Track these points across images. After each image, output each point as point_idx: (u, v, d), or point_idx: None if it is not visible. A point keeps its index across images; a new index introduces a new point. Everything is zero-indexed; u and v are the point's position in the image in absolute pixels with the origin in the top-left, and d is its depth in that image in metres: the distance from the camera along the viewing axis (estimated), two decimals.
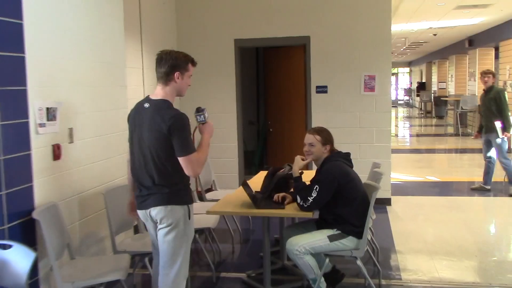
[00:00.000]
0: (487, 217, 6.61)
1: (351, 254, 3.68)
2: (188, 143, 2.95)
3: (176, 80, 3.07)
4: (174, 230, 3.02)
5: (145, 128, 3.01)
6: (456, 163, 11.22)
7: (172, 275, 3.07)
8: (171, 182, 3.01)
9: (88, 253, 4.00)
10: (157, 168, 2.99)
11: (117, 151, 4.54)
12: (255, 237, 5.70)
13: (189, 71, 3.13)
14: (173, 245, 3.04)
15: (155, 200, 3.02)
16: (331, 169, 3.68)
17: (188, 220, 3.07)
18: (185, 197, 3.09)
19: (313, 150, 3.81)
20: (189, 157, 2.93)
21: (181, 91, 3.14)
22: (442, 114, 20.37)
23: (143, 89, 5.81)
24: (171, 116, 2.93)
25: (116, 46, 4.59)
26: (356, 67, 6.78)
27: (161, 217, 3.02)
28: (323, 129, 3.89)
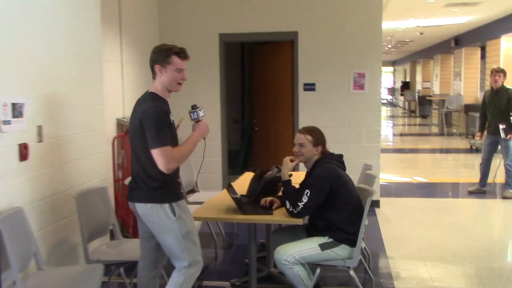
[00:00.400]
0: (479, 220, 6.42)
1: (344, 264, 3.42)
2: (158, 136, 2.85)
3: (159, 73, 3.00)
4: (159, 228, 2.99)
5: (131, 120, 3.03)
6: (442, 164, 11.08)
7: (177, 267, 3.06)
8: (150, 178, 2.95)
9: (59, 263, 3.68)
10: (138, 161, 2.98)
11: (91, 151, 4.23)
12: (239, 242, 5.42)
13: (173, 64, 2.98)
14: (166, 242, 3.01)
15: (137, 197, 3.01)
16: (323, 172, 3.42)
17: (173, 217, 2.95)
18: (164, 195, 2.98)
19: (303, 151, 3.54)
20: (159, 150, 2.85)
21: (168, 86, 3.02)
22: (426, 114, 20.31)
23: (121, 84, 5.48)
24: (144, 109, 2.91)
25: (92, 37, 4.27)
26: (345, 64, 6.54)
27: (142, 214, 3.00)
28: (315, 129, 3.62)
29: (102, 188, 3.89)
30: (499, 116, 7.00)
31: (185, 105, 3.16)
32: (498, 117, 7.02)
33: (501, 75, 7.03)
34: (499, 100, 7.03)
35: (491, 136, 7.18)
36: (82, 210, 3.51)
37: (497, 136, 7.07)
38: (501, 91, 7.04)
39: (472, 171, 9.88)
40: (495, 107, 7.09)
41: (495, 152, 7.23)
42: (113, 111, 5.25)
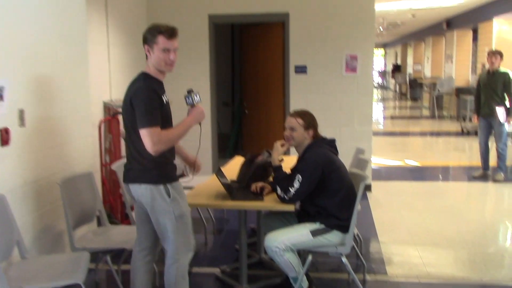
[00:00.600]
0: (470, 204, 6.39)
1: (336, 251, 3.35)
2: (147, 116, 2.77)
3: (147, 54, 2.94)
4: (154, 209, 2.94)
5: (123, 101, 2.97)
6: (433, 147, 11.04)
7: (170, 252, 3.02)
8: (143, 158, 2.88)
9: (43, 251, 3.58)
10: (132, 143, 2.93)
11: (77, 135, 4.10)
12: (229, 227, 5.34)
13: (159, 44, 2.87)
14: (159, 223, 2.97)
15: (132, 177, 2.96)
16: (314, 156, 3.32)
17: (168, 199, 2.90)
18: (159, 176, 2.92)
19: (294, 135, 3.44)
20: (147, 130, 2.77)
21: (157, 66, 2.93)
22: (417, 97, 20.28)
23: (108, 66, 5.33)
24: (135, 89, 2.85)
25: (76, 18, 4.10)
26: (337, 46, 6.42)
27: (137, 196, 2.96)
28: (306, 112, 3.51)
29: (88, 173, 3.77)
30: (494, 99, 6.90)
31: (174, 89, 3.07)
32: (493, 100, 6.91)
33: (497, 57, 6.91)
34: (495, 83, 6.92)
35: (485, 119, 7.09)
36: (67, 196, 3.40)
37: (490, 119, 6.99)
38: (497, 73, 6.94)
39: (463, 154, 9.87)
40: (490, 89, 6.96)
41: (490, 134, 7.15)
42: (99, 94, 5.11)
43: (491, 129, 7.08)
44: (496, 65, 6.92)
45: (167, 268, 3.06)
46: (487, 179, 7.20)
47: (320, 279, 3.94)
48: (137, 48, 6.18)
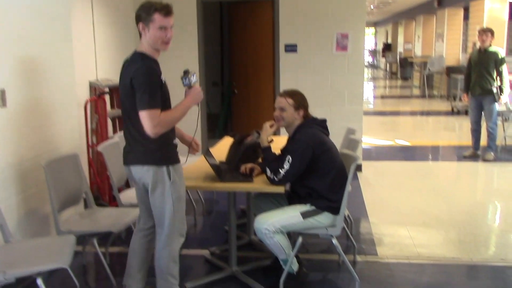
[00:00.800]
0: (460, 183, 6.38)
1: (326, 232, 3.31)
2: (146, 98, 2.71)
3: (142, 32, 2.85)
4: (154, 191, 2.90)
5: (119, 82, 2.90)
6: (424, 126, 11.03)
7: (163, 235, 2.99)
8: (145, 140, 2.83)
9: (29, 235, 3.50)
10: (131, 123, 2.86)
11: (61, 116, 4.00)
12: (219, 208, 5.29)
13: (156, 22, 2.79)
14: (157, 205, 2.94)
15: (133, 158, 2.92)
16: (305, 137, 3.26)
17: (168, 181, 2.89)
18: (162, 157, 2.90)
19: (284, 115, 3.37)
20: (146, 112, 2.71)
21: (153, 44, 2.85)
22: (408, 76, 20.22)
23: (93, 45, 5.20)
24: (134, 69, 2.76)
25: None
26: (328, 24, 6.31)
27: (138, 177, 2.92)
28: (296, 92, 3.43)
29: (74, 155, 3.68)
30: (485, 78, 6.84)
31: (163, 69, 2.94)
32: (484, 79, 6.85)
33: (488, 35, 6.82)
34: (487, 61, 6.83)
35: (476, 98, 7.03)
36: (52, 178, 3.31)
37: (481, 97, 6.94)
38: (488, 52, 6.87)
39: (454, 133, 9.87)
40: (482, 68, 6.87)
41: (481, 113, 7.11)
42: (85, 74, 4.99)
43: (482, 109, 7.04)
44: (487, 43, 6.84)
45: (159, 251, 3.01)
46: (477, 159, 7.20)
47: (310, 260, 3.91)
48: (123, 26, 6.04)
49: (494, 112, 6.93)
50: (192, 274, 3.74)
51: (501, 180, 6.50)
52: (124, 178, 4.14)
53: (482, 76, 6.86)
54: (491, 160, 7.02)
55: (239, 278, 3.56)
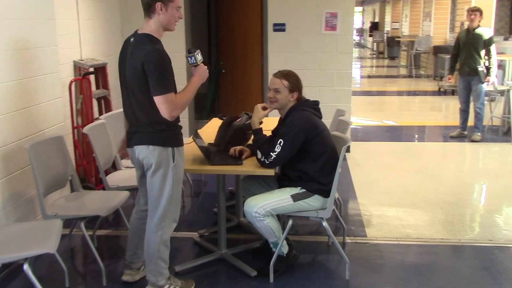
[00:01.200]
0: (447, 164, 6.40)
1: (316, 215, 3.29)
2: (162, 82, 2.72)
3: (159, 12, 2.80)
4: (156, 172, 2.87)
5: (126, 64, 2.83)
6: (411, 106, 11.04)
7: (155, 218, 2.95)
8: (154, 121, 2.82)
9: (14, 219, 3.43)
10: (138, 106, 2.83)
11: (46, 96, 3.90)
12: (207, 190, 5.25)
13: (174, 2, 2.82)
14: (156, 187, 2.90)
15: (139, 139, 2.89)
16: (297, 120, 3.21)
17: (172, 163, 2.88)
18: (169, 138, 2.89)
19: (278, 97, 3.31)
20: (163, 97, 2.73)
21: (167, 25, 2.86)
22: (395, 55, 20.21)
23: (77, 23, 5.06)
24: (146, 52, 2.71)
25: None
26: (317, 3, 6.21)
27: (142, 157, 2.88)
28: (291, 73, 3.37)
29: (58, 137, 3.58)
30: (474, 58, 6.82)
31: None
32: (473, 59, 6.83)
33: (477, 14, 6.77)
34: (476, 42, 6.79)
35: (465, 79, 7.01)
36: (36, 161, 3.23)
37: (470, 78, 6.93)
38: (477, 32, 6.83)
39: (441, 113, 9.90)
40: (471, 47, 6.84)
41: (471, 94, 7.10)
42: (69, 53, 4.87)
43: (470, 89, 7.03)
44: (475, 22, 6.80)
45: (150, 235, 2.98)
46: (464, 139, 7.23)
47: (299, 242, 3.90)
48: (108, 4, 5.89)
49: (482, 93, 6.94)
50: (180, 257, 3.71)
51: (487, 160, 6.54)
52: (110, 160, 4.08)
53: (471, 56, 6.84)
54: (478, 141, 7.05)
55: (229, 261, 3.55)
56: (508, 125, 7.38)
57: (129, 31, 3.03)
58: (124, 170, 4.18)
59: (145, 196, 3.11)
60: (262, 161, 3.17)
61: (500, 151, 6.83)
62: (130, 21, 6.19)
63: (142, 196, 3.16)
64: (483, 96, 7.00)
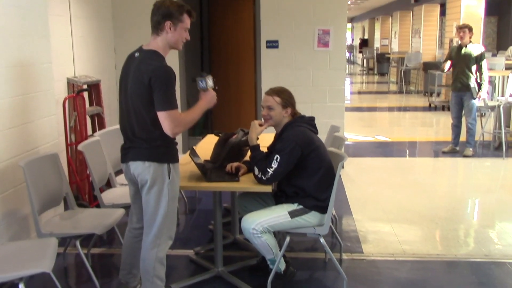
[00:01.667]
0: (441, 179, 6.43)
1: (314, 232, 3.28)
2: (168, 98, 2.74)
3: (168, 30, 2.84)
4: (151, 188, 2.86)
5: (130, 78, 2.83)
6: (402, 122, 11.10)
7: (151, 235, 2.92)
8: (151, 137, 2.83)
9: (8, 238, 3.39)
10: (137, 121, 2.83)
11: (40, 113, 3.88)
12: (202, 207, 5.23)
13: (184, 23, 2.87)
14: (151, 204, 2.88)
15: (134, 154, 2.88)
16: (293, 136, 3.21)
17: (167, 179, 2.87)
18: (165, 155, 2.88)
19: (272, 114, 3.32)
20: (168, 113, 2.74)
21: (175, 44, 2.90)
22: (385, 71, 20.39)
23: (71, 40, 5.07)
24: (154, 68, 2.74)
25: None
26: (309, 20, 6.27)
27: (138, 173, 2.86)
28: (283, 90, 3.38)
29: (53, 154, 3.55)
30: (466, 74, 6.89)
31: None
32: (465, 75, 6.89)
33: (466, 31, 6.87)
34: (468, 57, 6.87)
35: (457, 94, 7.08)
36: (31, 179, 3.19)
37: (462, 93, 7.01)
38: (469, 48, 6.90)
39: (432, 129, 9.97)
40: (463, 63, 6.91)
41: (463, 109, 7.16)
42: (63, 70, 4.86)
43: (463, 105, 7.09)
44: (466, 39, 6.90)
45: (145, 253, 2.95)
46: (456, 155, 7.27)
47: (295, 259, 3.88)
48: (101, 21, 5.90)
49: (474, 108, 7.01)
50: (176, 275, 3.67)
51: (480, 175, 6.58)
52: (105, 178, 4.05)
53: (463, 72, 6.91)
54: (470, 156, 7.10)
55: (225, 279, 3.52)
56: (499, 140, 7.45)
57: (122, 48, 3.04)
58: (119, 187, 4.15)
59: (138, 214, 3.09)
60: (259, 178, 3.17)
61: (491, 166, 6.88)
62: (123, 38, 6.20)
63: (135, 214, 3.13)
64: (475, 112, 7.07)
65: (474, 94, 6.82)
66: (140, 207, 3.02)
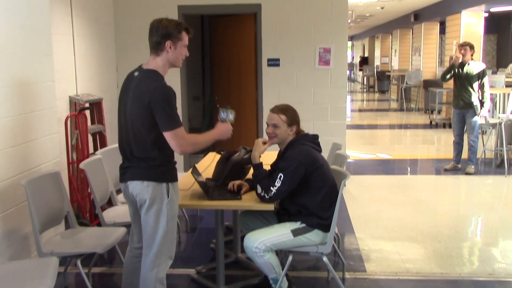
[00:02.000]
0: (443, 197, 6.40)
1: (317, 250, 3.26)
2: (171, 117, 2.75)
3: (168, 50, 2.85)
4: (150, 208, 2.84)
5: (129, 98, 2.83)
6: (403, 139, 11.11)
7: (150, 255, 2.89)
8: (149, 157, 2.82)
9: (8, 257, 3.36)
10: (135, 140, 2.82)
11: (41, 132, 3.88)
12: (203, 225, 5.20)
13: (183, 40, 2.89)
14: (151, 224, 2.86)
15: (132, 174, 2.87)
16: (297, 154, 3.20)
17: (166, 199, 2.85)
18: (164, 174, 2.87)
19: (277, 132, 3.32)
20: (173, 132, 2.75)
21: (175, 62, 2.92)
22: (385, 89, 20.45)
23: (73, 59, 5.09)
24: (154, 88, 2.74)
25: (38, 7, 3.86)
26: (310, 38, 6.33)
27: (136, 192, 2.85)
28: (288, 108, 3.40)
29: (55, 173, 3.55)
30: (468, 92, 6.89)
31: None
32: (467, 92, 6.89)
33: (467, 49, 6.90)
34: (470, 75, 6.87)
35: (459, 112, 7.08)
36: (32, 197, 3.18)
37: (464, 111, 7.01)
38: (471, 66, 6.93)
39: (433, 146, 9.96)
40: (465, 81, 6.91)
41: (464, 126, 7.16)
42: (65, 88, 4.88)
43: (465, 122, 7.09)
44: (467, 57, 6.92)
45: (145, 273, 2.91)
46: (458, 172, 7.25)
47: (298, 278, 3.85)
48: (104, 40, 5.94)
49: (476, 126, 7.01)
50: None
51: (482, 193, 6.55)
52: (106, 196, 4.03)
53: (465, 89, 6.92)
54: (472, 173, 7.08)
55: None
56: (501, 157, 7.43)
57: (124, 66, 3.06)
58: (120, 206, 4.13)
59: (138, 233, 3.06)
60: (262, 196, 3.15)
61: (494, 183, 6.85)
62: (125, 56, 6.24)
63: (135, 233, 3.11)
64: (477, 129, 7.07)
65: (477, 111, 6.83)
66: (140, 227, 2.99)
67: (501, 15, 14.98)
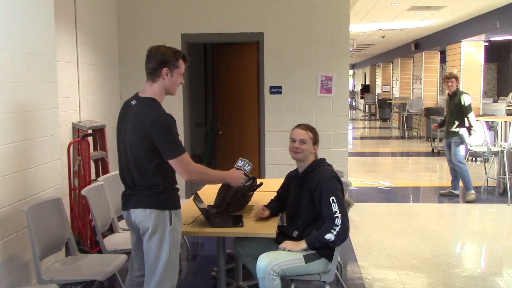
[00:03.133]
0: (445, 225, 6.36)
1: (319, 279, 3.22)
2: (174, 145, 2.77)
3: (165, 77, 2.87)
4: (153, 236, 2.82)
5: (128, 127, 2.84)
6: (405, 167, 11.09)
7: (152, 283, 2.86)
8: (151, 185, 2.82)
9: (8, 283, 3.33)
10: (137, 168, 2.83)
11: (45, 158, 3.89)
12: (204, 253, 5.15)
13: (179, 68, 2.92)
14: (153, 252, 2.84)
15: (135, 202, 2.86)
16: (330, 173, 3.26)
17: (169, 226, 2.84)
18: (166, 201, 2.87)
19: (303, 148, 3.34)
20: (178, 160, 2.78)
21: (171, 89, 2.94)
22: (387, 117, 20.52)
23: (78, 86, 5.14)
24: (154, 118, 2.75)
25: (44, 35, 3.91)
26: (312, 67, 6.38)
27: (139, 220, 2.84)
28: (313, 128, 3.49)
29: (56, 199, 3.55)
30: (452, 121, 7.14)
31: None
32: (452, 121, 7.15)
33: (453, 81, 7.16)
34: (452, 105, 7.16)
35: (446, 140, 7.37)
36: (33, 224, 3.18)
37: (449, 139, 7.23)
38: (455, 96, 7.13)
39: (435, 174, 9.93)
40: (448, 110, 7.26)
41: None
42: (68, 115, 4.91)
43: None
44: (452, 88, 7.14)
45: None
46: (458, 200, 7.23)
47: None
48: (108, 67, 6.00)
49: (457, 152, 7.16)
50: None
51: (485, 222, 6.50)
52: (108, 223, 4.02)
53: (449, 119, 7.24)
54: (473, 200, 7.05)
55: None
56: (503, 186, 7.41)
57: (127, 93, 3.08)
58: (122, 233, 4.10)
59: (139, 261, 3.04)
60: (336, 235, 3.08)
61: (496, 212, 6.82)
62: (128, 83, 6.30)
63: (136, 261, 3.07)
64: (459, 156, 7.19)
65: (465, 139, 7.01)
66: (141, 254, 2.97)
67: (501, 44, 15.14)
